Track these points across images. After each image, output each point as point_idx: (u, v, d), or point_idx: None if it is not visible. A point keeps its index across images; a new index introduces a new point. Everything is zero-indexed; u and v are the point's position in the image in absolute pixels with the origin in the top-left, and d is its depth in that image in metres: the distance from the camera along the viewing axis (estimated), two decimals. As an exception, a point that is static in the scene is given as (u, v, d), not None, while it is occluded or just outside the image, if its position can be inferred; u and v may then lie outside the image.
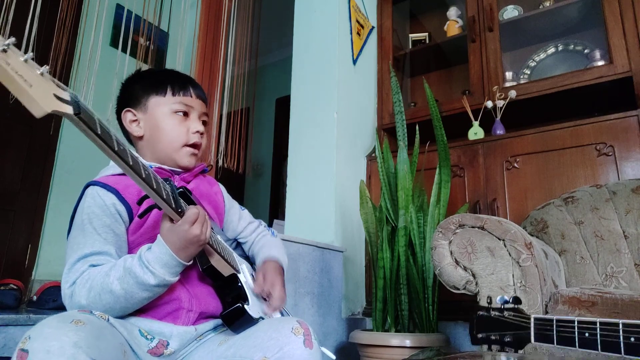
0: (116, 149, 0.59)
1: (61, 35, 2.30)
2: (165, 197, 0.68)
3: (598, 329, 0.67)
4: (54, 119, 2.62)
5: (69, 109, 0.51)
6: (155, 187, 0.66)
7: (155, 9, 2.66)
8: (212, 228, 0.80)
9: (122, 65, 2.43)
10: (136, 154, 0.63)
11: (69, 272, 0.77)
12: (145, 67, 2.76)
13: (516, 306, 0.80)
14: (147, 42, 2.84)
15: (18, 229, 2.45)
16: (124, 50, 2.59)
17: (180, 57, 2.89)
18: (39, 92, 0.48)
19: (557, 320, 0.71)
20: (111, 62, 2.46)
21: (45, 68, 0.50)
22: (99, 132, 0.56)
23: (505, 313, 0.80)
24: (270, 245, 1.04)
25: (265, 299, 0.92)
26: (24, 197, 2.49)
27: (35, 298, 1.69)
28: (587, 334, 0.68)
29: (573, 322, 0.69)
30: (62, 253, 0.79)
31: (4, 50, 0.46)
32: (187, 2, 2.88)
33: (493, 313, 0.82)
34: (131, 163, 0.61)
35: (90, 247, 0.77)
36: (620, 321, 0.65)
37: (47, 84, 0.50)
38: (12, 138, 2.48)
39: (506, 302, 0.81)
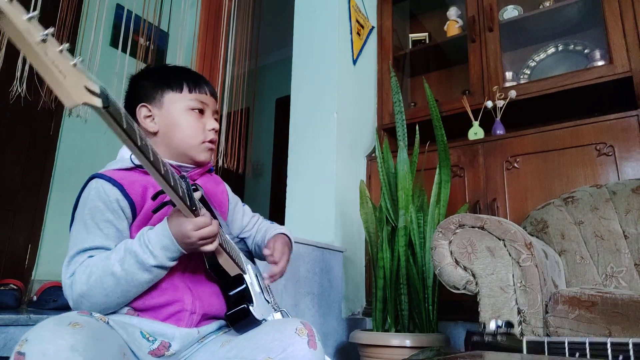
0: (139, 143, 0.59)
1: (61, 35, 2.30)
2: (181, 194, 0.69)
3: (587, 349, 0.67)
4: (54, 119, 2.62)
5: (98, 102, 0.51)
6: (172, 183, 0.66)
7: (155, 9, 2.66)
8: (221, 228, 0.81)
9: (122, 65, 2.43)
10: (155, 150, 0.63)
11: (68, 264, 0.77)
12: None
13: (509, 330, 0.81)
14: (147, 42, 2.84)
15: (18, 229, 2.45)
16: (124, 50, 2.59)
17: (180, 57, 2.90)
18: (71, 84, 0.48)
19: (549, 342, 0.72)
20: (111, 62, 2.46)
21: (79, 59, 0.50)
22: (125, 127, 0.56)
23: (499, 337, 0.81)
24: (276, 225, 1.09)
25: (267, 293, 0.93)
26: (24, 197, 2.49)
27: (35, 298, 1.70)
28: (577, 355, 0.69)
29: (563, 343, 0.70)
30: (62, 253, 0.79)
31: (44, 41, 0.46)
32: (187, 2, 2.89)
33: (487, 338, 0.83)
34: (152, 159, 0.61)
35: (90, 242, 0.78)
36: (609, 340, 0.65)
37: (79, 75, 0.50)
38: (12, 138, 2.48)
39: (499, 326, 0.82)
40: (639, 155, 1.76)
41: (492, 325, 0.82)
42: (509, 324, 0.81)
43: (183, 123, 0.90)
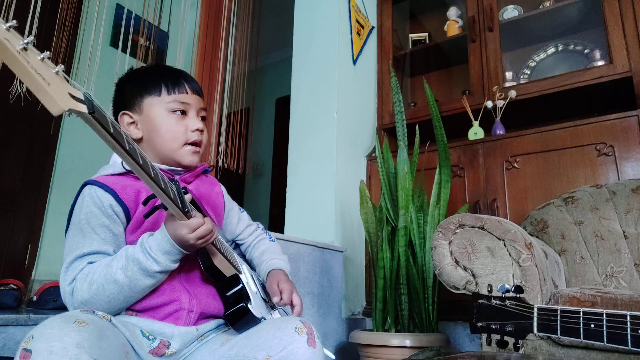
0: (127, 148, 0.59)
1: (61, 35, 2.30)
2: (172, 196, 0.68)
3: (604, 321, 0.66)
4: (54, 119, 2.62)
5: (83, 108, 0.51)
6: (163, 186, 0.66)
7: (155, 9, 2.66)
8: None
9: (122, 65, 2.43)
10: (144, 153, 0.63)
11: (67, 270, 0.77)
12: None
13: (518, 295, 0.78)
14: (147, 42, 2.84)
15: (18, 229, 2.45)
16: (124, 50, 2.59)
17: (180, 57, 2.89)
18: (56, 91, 0.48)
19: (562, 311, 0.70)
20: (111, 62, 2.46)
21: (61, 67, 0.50)
22: (112, 131, 0.56)
23: (507, 302, 0.78)
24: (271, 252, 1.05)
25: (273, 306, 0.93)
26: (24, 197, 2.49)
27: (35, 298, 1.69)
28: (592, 325, 0.67)
29: (578, 312, 0.68)
30: (62, 253, 0.79)
31: (25, 49, 0.46)
32: (187, 2, 2.88)
33: (494, 302, 0.80)
34: (141, 162, 0.61)
35: (88, 247, 0.78)
36: (628, 313, 0.64)
37: (62, 82, 0.50)
38: (12, 138, 2.48)
39: (507, 290, 0.79)
40: (639, 155, 1.76)
41: (499, 289, 0.79)
42: (519, 289, 0.77)
43: (163, 127, 0.88)
